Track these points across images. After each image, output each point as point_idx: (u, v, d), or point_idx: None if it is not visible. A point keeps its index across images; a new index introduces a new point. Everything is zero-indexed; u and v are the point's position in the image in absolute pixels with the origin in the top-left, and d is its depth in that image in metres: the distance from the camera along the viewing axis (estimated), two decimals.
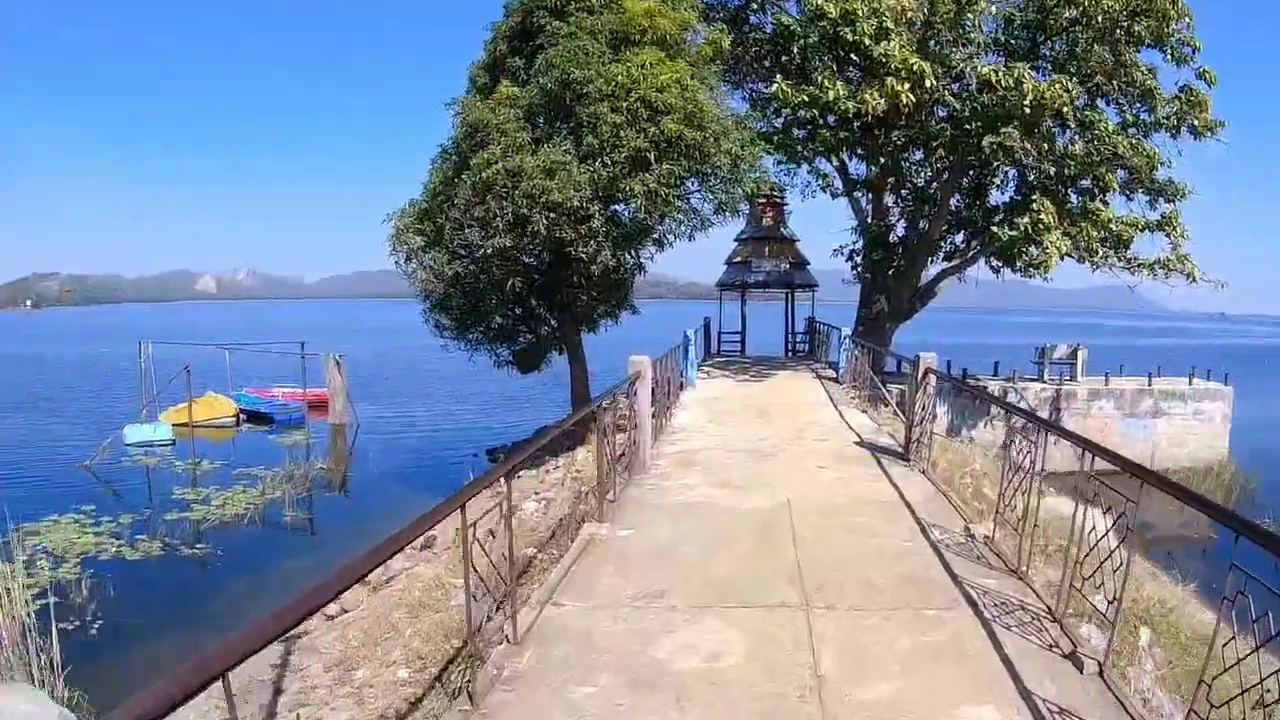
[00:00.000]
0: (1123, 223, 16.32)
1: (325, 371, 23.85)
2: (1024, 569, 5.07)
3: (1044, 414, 19.46)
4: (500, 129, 12.24)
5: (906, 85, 12.47)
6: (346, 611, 6.58)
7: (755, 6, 15.97)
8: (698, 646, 3.98)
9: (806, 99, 13.48)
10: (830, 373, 17.44)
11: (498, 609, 4.05)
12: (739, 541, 5.66)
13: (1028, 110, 13.04)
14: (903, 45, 12.41)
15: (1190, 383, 22.40)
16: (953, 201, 18.54)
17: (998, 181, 18.69)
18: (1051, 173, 15.17)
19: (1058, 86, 12.70)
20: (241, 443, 21.75)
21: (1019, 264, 18.79)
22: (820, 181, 19.91)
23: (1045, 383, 21.30)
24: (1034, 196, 15.02)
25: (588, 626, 4.25)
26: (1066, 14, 13.81)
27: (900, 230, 19.91)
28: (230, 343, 27.67)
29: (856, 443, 9.71)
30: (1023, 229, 15.22)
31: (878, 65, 12.91)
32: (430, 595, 6.03)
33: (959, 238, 19.73)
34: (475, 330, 14.24)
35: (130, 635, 8.88)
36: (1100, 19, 13.07)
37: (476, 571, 3.63)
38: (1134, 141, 15.82)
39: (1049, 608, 4.49)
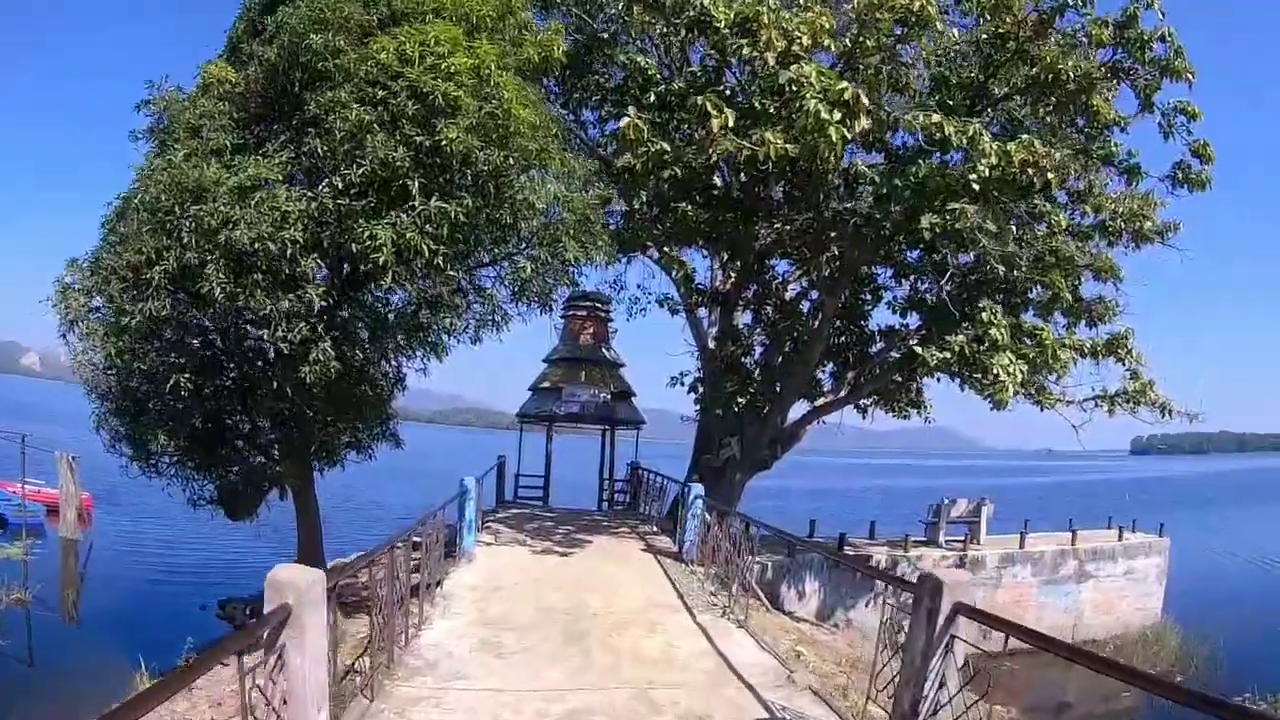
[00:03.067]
0: (1066, 345, 12.65)
1: (58, 472, 19.00)
2: None
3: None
4: (192, 126, 7.45)
5: (836, 116, 8.30)
6: None
7: (603, 39, 11.83)
8: None
9: (667, 149, 9.22)
10: (662, 538, 12.77)
11: None
12: None
13: (976, 185, 9.39)
14: (821, 72, 8.48)
15: (1120, 537, 19.39)
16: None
17: (887, 299, 14.94)
18: (1000, 273, 11.54)
19: (1036, 147, 8.95)
20: None
21: (900, 404, 15.52)
22: (668, 281, 15.98)
23: (943, 548, 16.95)
24: (981, 304, 11.09)
25: None
26: (1023, 72, 10.58)
27: (757, 355, 15.88)
28: None
29: None
30: (957, 349, 11.05)
31: (782, 100, 8.95)
32: None
33: (826, 369, 15.71)
34: (152, 449, 8.68)
35: None
36: (1070, 79, 9.80)
37: None
38: (1080, 245, 12.68)
39: None
